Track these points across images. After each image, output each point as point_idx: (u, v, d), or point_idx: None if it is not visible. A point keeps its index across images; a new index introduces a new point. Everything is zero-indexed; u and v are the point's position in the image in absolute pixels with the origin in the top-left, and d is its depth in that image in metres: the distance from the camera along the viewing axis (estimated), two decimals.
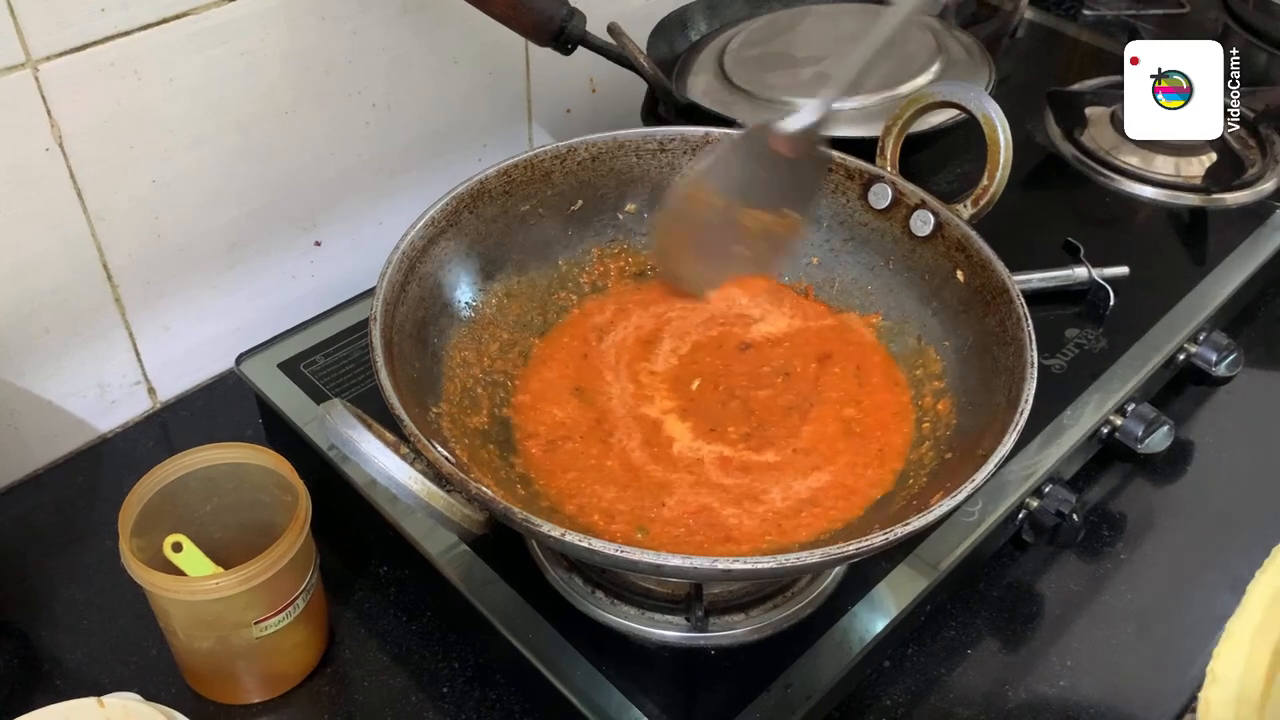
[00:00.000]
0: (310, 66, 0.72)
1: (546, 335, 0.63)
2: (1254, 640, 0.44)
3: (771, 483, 0.55)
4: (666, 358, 0.62)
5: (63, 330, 0.69)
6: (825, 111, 0.62)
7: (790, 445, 0.57)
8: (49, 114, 0.61)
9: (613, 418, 0.58)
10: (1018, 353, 0.52)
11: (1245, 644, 0.43)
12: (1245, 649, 0.43)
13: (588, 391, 0.60)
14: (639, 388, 0.60)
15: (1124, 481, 0.73)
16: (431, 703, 0.60)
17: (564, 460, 0.56)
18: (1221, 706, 0.42)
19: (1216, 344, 0.76)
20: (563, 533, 0.43)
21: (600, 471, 0.55)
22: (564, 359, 0.62)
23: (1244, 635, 0.44)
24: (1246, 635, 0.44)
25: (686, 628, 0.56)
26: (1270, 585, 0.45)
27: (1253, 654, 0.43)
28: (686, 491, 0.54)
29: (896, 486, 0.54)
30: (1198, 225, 0.86)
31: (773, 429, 0.58)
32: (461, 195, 0.60)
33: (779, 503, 0.54)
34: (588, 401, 0.59)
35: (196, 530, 0.58)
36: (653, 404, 0.59)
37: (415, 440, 0.46)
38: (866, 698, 0.60)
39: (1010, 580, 0.67)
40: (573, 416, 0.58)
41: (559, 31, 0.70)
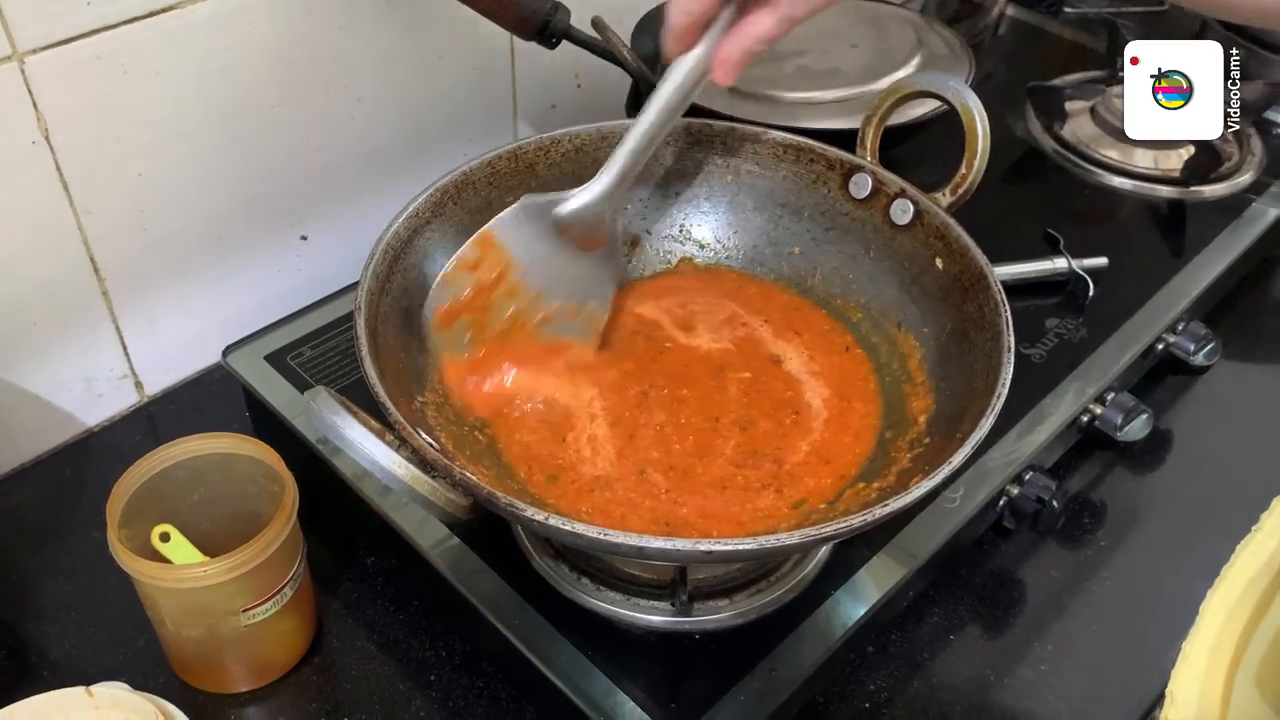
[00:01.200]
0: (296, 61, 0.72)
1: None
2: (1210, 659, 0.44)
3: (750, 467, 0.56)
4: (626, 356, 0.63)
5: (49, 324, 0.69)
6: (599, 193, 0.58)
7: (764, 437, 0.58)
8: (35, 107, 0.62)
9: (575, 412, 0.59)
10: (995, 338, 0.52)
11: (1201, 664, 0.44)
12: (1201, 669, 0.44)
13: (555, 383, 0.60)
14: (599, 384, 0.61)
15: (1104, 470, 0.74)
16: (419, 690, 0.60)
17: (537, 448, 0.57)
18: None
19: (1194, 334, 0.77)
20: (546, 516, 0.44)
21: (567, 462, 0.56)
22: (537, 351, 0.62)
23: (1199, 656, 0.44)
24: (1202, 655, 0.44)
25: (671, 613, 0.56)
26: (1222, 604, 0.46)
27: (1208, 674, 0.44)
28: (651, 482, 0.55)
29: (874, 469, 0.55)
30: (1176, 217, 0.88)
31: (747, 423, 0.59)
32: (445, 186, 0.60)
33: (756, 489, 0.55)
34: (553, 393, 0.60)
35: (184, 521, 0.58)
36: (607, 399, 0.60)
37: (400, 427, 0.46)
38: (850, 683, 0.61)
39: (992, 567, 0.67)
40: (539, 407, 0.59)
41: (543, 25, 0.71)
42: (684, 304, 0.66)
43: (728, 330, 0.64)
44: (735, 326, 0.64)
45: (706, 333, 0.64)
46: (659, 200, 0.68)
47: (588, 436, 0.57)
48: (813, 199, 0.65)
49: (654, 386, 0.60)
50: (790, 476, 0.56)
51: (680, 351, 0.63)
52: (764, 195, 0.66)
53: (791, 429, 0.58)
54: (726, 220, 0.68)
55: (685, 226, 0.68)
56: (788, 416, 0.59)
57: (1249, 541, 0.47)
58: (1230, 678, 0.44)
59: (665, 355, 0.63)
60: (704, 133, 0.67)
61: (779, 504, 0.54)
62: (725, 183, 0.67)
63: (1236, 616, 0.45)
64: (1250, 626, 0.45)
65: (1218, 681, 0.43)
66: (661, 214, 0.68)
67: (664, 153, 0.67)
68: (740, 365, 0.62)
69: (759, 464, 0.56)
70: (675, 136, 0.66)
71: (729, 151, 0.67)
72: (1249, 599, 0.45)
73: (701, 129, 0.66)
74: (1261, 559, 0.46)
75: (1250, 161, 0.90)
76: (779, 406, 0.59)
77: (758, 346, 0.63)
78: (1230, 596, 0.46)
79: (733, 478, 0.56)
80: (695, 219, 0.68)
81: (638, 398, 0.60)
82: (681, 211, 0.68)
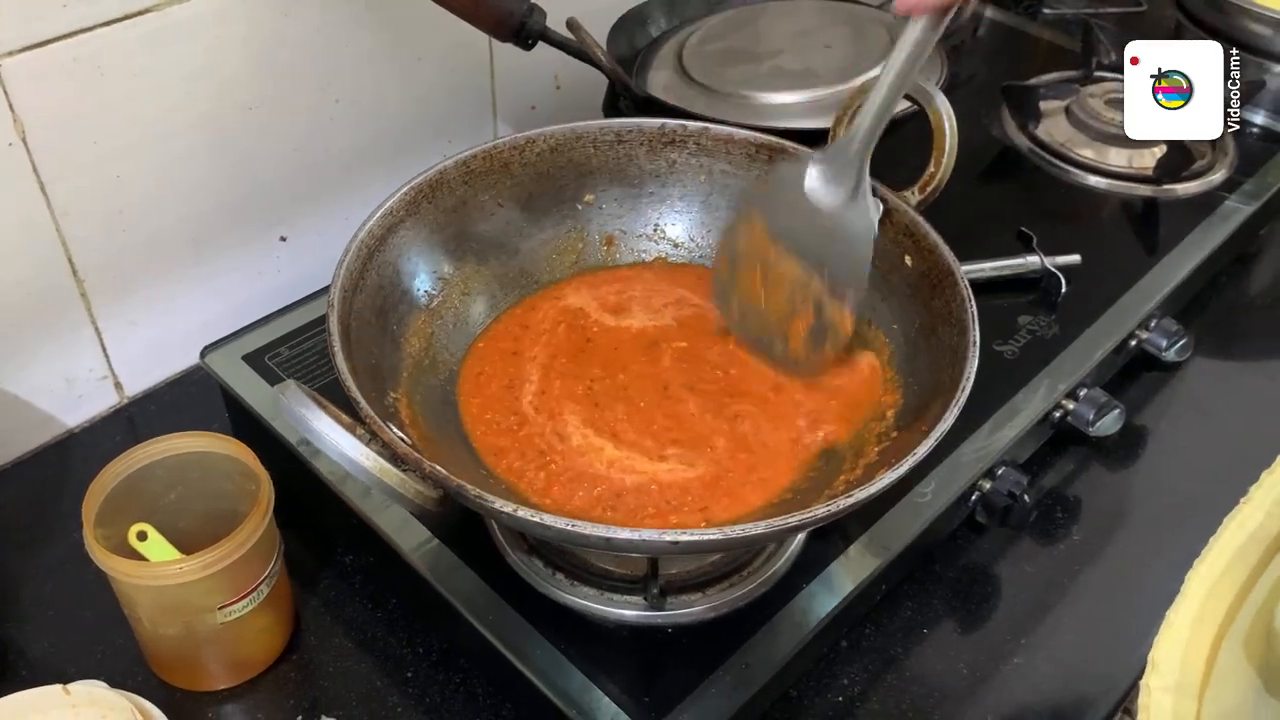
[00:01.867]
0: (274, 63, 0.73)
1: (495, 324, 0.64)
2: (1193, 629, 0.45)
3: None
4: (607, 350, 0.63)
5: (28, 325, 0.69)
6: (860, 143, 0.58)
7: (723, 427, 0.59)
8: (11, 109, 0.62)
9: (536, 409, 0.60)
10: (961, 333, 0.53)
11: (1184, 632, 0.44)
12: (1184, 637, 0.44)
13: (519, 382, 0.61)
14: (574, 379, 0.61)
15: (1079, 466, 0.75)
16: (396, 687, 0.61)
17: (503, 442, 0.58)
18: (1161, 693, 0.43)
19: (1166, 330, 0.78)
20: (515, 508, 0.44)
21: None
22: (505, 350, 0.63)
23: (1183, 624, 0.45)
24: (1186, 624, 0.45)
25: (644, 607, 0.57)
26: (1208, 575, 0.46)
27: (1191, 642, 0.44)
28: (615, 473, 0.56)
29: (843, 462, 0.56)
30: (1149, 215, 0.88)
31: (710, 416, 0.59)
32: (420, 186, 0.61)
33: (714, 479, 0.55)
34: (517, 391, 0.61)
35: (161, 519, 0.59)
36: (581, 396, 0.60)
37: (370, 421, 0.47)
38: (824, 676, 0.61)
39: (966, 562, 0.68)
40: (504, 404, 0.60)
41: (519, 27, 0.71)
42: (621, 291, 0.66)
43: (671, 310, 0.65)
44: (683, 307, 0.65)
45: (642, 314, 0.65)
46: (633, 200, 0.69)
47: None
48: None
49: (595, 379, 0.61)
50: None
51: (608, 334, 0.63)
52: (737, 194, 0.67)
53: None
54: (700, 219, 0.69)
55: (659, 225, 0.69)
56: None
57: (1236, 513, 0.47)
58: (1215, 646, 0.44)
59: (592, 343, 0.63)
60: (678, 133, 0.67)
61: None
62: (699, 182, 0.68)
63: (1222, 586, 0.45)
64: (1239, 597, 0.45)
65: (1201, 649, 0.44)
66: (635, 213, 0.69)
67: (638, 152, 0.67)
68: (678, 336, 0.63)
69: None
70: (649, 137, 0.67)
71: (703, 151, 0.67)
72: (1235, 570, 0.46)
73: (675, 129, 0.67)
74: (1249, 530, 0.46)
75: (1223, 160, 0.91)
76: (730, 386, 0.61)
77: (705, 322, 0.64)
78: (1216, 567, 0.46)
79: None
80: (669, 218, 0.69)
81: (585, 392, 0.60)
82: (655, 211, 0.69)
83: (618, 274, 0.68)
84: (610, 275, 0.68)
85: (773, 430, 0.58)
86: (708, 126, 0.67)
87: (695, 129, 0.67)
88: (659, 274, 0.68)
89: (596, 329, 0.63)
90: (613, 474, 0.55)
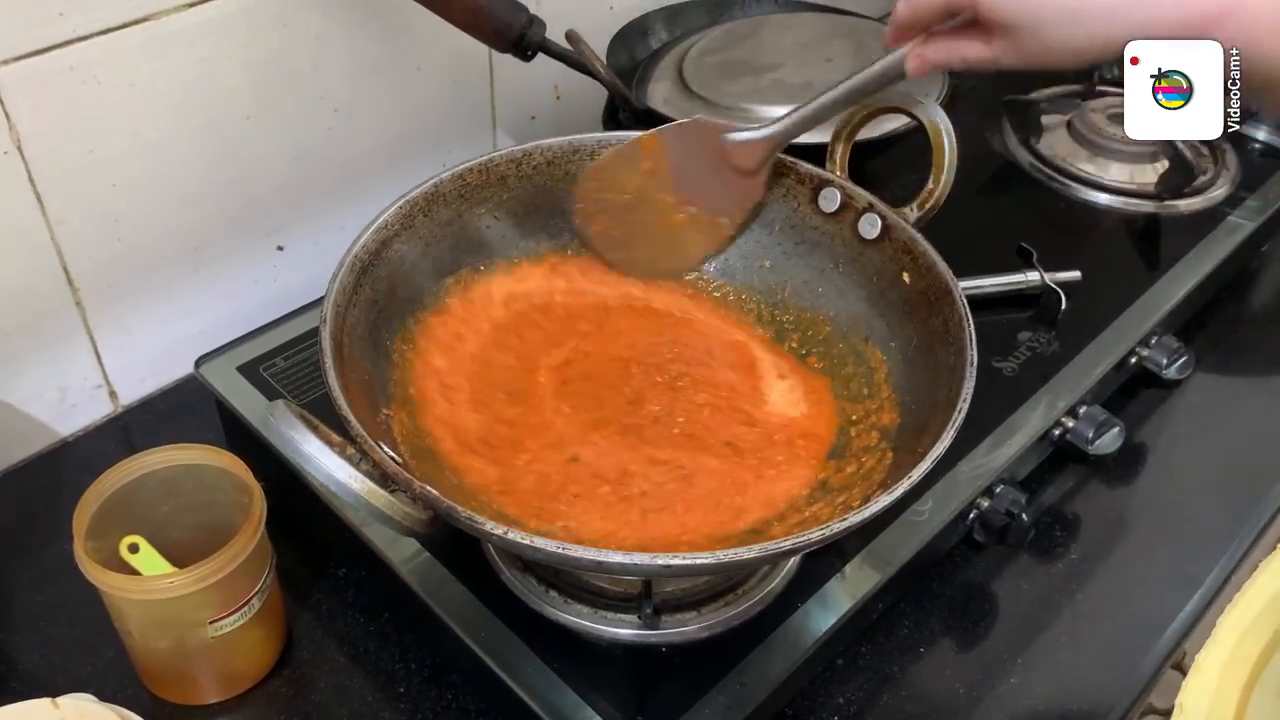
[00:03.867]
0: (272, 72, 0.72)
1: (488, 333, 0.64)
2: (1223, 675, 0.44)
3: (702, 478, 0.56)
4: (603, 364, 0.63)
5: (23, 333, 0.69)
6: (778, 133, 0.62)
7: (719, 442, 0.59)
8: (7, 117, 0.62)
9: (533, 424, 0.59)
10: (959, 352, 0.53)
11: (1214, 677, 0.44)
12: (1214, 683, 0.44)
13: (517, 394, 0.61)
14: (570, 395, 0.61)
15: (1077, 484, 0.74)
16: (388, 703, 0.60)
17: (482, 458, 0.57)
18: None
19: (1167, 347, 0.78)
20: (505, 530, 0.44)
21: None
22: (497, 359, 0.63)
23: (1212, 669, 0.44)
24: (1215, 669, 0.44)
25: (638, 626, 0.56)
26: (1240, 621, 0.46)
27: (1221, 689, 0.44)
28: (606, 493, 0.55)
29: (837, 483, 0.55)
30: (1150, 231, 0.88)
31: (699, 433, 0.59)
32: (415, 199, 0.60)
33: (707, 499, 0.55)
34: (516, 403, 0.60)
35: (154, 532, 0.58)
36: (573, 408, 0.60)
37: (361, 440, 0.46)
38: (820, 695, 0.61)
39: (963, 580, 0.67)
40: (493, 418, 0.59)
41: (519, 38, 0.71)
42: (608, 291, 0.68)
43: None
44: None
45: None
46: None
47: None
48: (783, 212, 0.66)
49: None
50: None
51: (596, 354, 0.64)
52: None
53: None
54: None
55: None
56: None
57: (1271, 560, 0.47)
58: (1246, 693, 0.44)
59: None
60: None
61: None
62: None
63: (1254, 634, 0.45)
64: (1272, 645, 0.45)
65: (1231, 695, 0.43)
66: None
67: None
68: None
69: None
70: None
71: None
72: (1268, 617, 0.45)
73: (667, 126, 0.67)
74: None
75: (1225, 176, 0.91)
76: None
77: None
78: (1249, 614, 0.46)
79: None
80: None
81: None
82: None
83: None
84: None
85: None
86: None
87: None
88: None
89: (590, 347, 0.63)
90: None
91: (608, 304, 0.66)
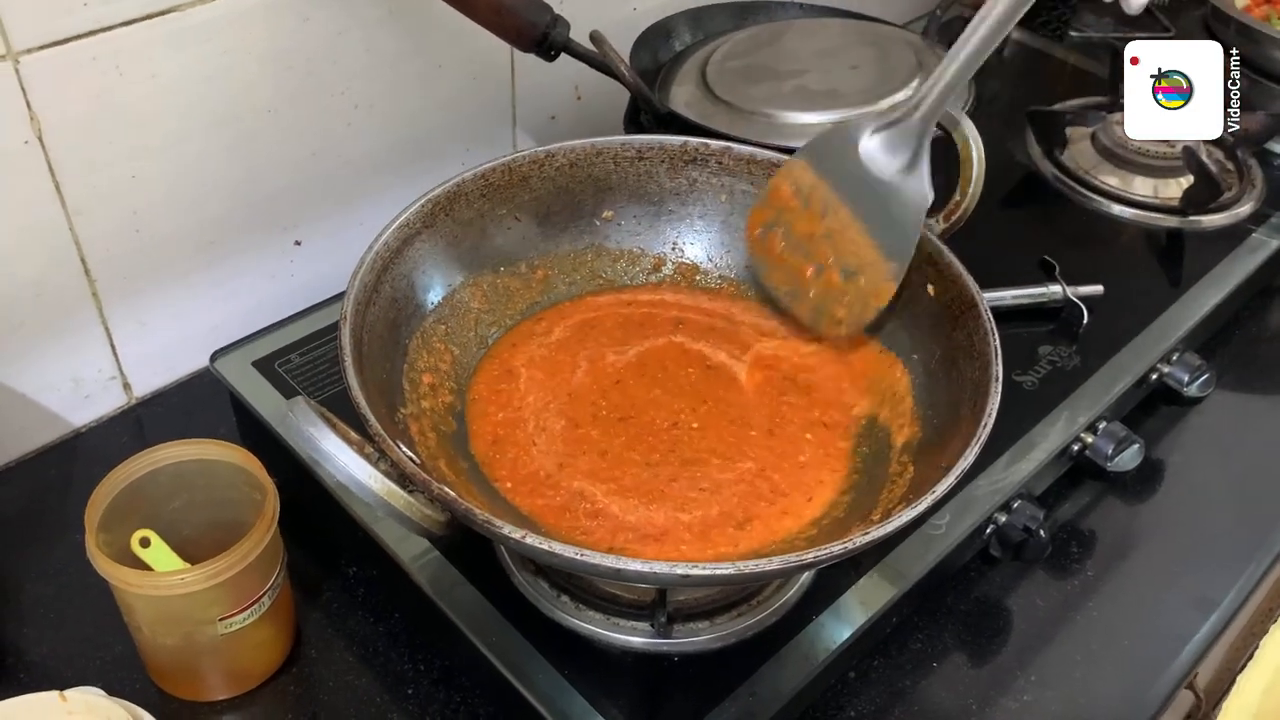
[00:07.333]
0: (293, 66, 0.72)
1: (509, 338, 0.63)
2: (1264, 697, 0.44)
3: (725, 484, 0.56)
4: (617, 369, 0.62)
5: (38, 323, 0.69)
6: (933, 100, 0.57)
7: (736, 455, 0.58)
8: (29, 107, 0.61)
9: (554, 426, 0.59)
10: (984, 367, 0.52)
11: (1254, 699, 0.43)
12: (1254, 704, 0.43)
13: (543, 399, 0.60)
14: (593, 395, 0.60)
15: (1094, 500, 0.73)
16: (396, 704, 0.60)
17: (509, 464, 0.57)
18: None
19: (1189, 365, 0.77)
20: (523, 534, 0.43)
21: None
22: (523, 364, 0.62)
23: (1253, 691, 0.44)
24: (1256, 691, 0.44)
25: (651, 634, 0.56)
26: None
27: (1262, 710, 0.43)
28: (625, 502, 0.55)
29: (858, 496, 0.55)
30: (1174, 246, 0.87)
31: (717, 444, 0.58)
32: (437, 198, 0.60)
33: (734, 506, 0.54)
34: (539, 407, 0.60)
35: (165, 526, 0.58)
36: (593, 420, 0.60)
37: (379, 440, 0.46)
38: (831, 708, 0.60)
39: (978, 595, 0.67)
40: (512, 420, 0.59)
41: (542, 38, 0.71)
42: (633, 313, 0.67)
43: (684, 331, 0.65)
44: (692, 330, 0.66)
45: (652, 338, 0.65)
46: (651, 218, 0.68)
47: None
48: None
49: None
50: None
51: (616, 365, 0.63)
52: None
53: None
54: (719, 239, 0.68)
55: (678, 244, 0.68)
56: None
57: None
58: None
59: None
60: (700, 151, 0.66)
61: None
62: (719, 202, 0.67)
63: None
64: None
65: (1271, 718, 0.43)
66: (654, 232, 0.68)
67: (658, 170, 0.66)
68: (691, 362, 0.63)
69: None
70: (671, 154, 0.66)
71: (724, 171, 0.67)
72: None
73: (698, 147, 0.66)
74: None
75: (1250, 192, 0.90)
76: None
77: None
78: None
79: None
80: (688, 237, 0.68)
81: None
82: (674, 229, 0.68)
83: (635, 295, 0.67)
84: (629, 296, 0.67)
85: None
86: (730, 146, 0.66)
87: (717, 148, 0.66)
88: (679, 293, 0.68)
89: (611, 356, 0.63)
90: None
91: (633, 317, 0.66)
